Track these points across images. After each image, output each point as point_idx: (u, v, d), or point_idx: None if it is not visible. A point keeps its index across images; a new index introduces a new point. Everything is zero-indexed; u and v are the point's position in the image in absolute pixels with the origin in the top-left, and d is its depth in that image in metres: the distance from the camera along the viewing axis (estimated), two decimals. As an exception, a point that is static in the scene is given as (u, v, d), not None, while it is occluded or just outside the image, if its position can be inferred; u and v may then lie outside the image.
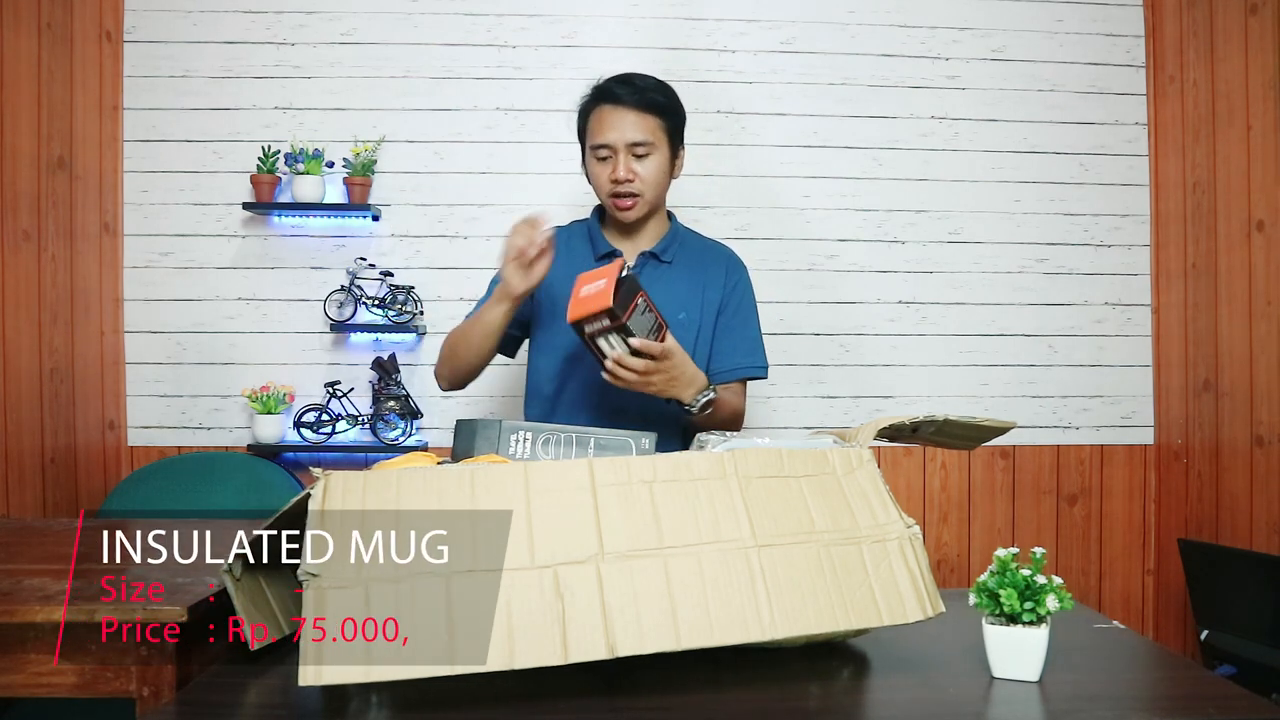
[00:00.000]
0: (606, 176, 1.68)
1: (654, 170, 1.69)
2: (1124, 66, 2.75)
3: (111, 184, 2.59)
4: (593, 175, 1.72)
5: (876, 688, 1.06)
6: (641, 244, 1.77)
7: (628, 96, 1.67)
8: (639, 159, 1.68)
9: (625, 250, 1.76)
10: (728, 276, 1.79)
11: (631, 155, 1.67)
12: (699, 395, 1.57)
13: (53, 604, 1.07)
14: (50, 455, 2.33)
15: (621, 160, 1.66)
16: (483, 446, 1.38)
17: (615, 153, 1.67)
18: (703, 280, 1.77)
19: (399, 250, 2.64)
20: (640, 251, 1.76)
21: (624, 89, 1.67)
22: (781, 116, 2.69)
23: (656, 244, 1.76)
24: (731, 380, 1.76)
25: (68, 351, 2.40)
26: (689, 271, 1.77)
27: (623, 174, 1.66)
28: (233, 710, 0.99)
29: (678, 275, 1.76)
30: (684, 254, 1.78)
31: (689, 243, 1.81)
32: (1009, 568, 1.03)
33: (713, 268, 1.79)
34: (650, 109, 1.68)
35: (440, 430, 2.60)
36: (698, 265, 1.78)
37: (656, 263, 1.75)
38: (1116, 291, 2.75)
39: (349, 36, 2.64)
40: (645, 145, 1.67)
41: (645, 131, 1.67)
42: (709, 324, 1.76)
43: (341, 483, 0.99)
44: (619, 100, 1.67)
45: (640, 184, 1.68)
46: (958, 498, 2.72)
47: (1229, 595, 2.21)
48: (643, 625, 0.94)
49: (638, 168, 1.67)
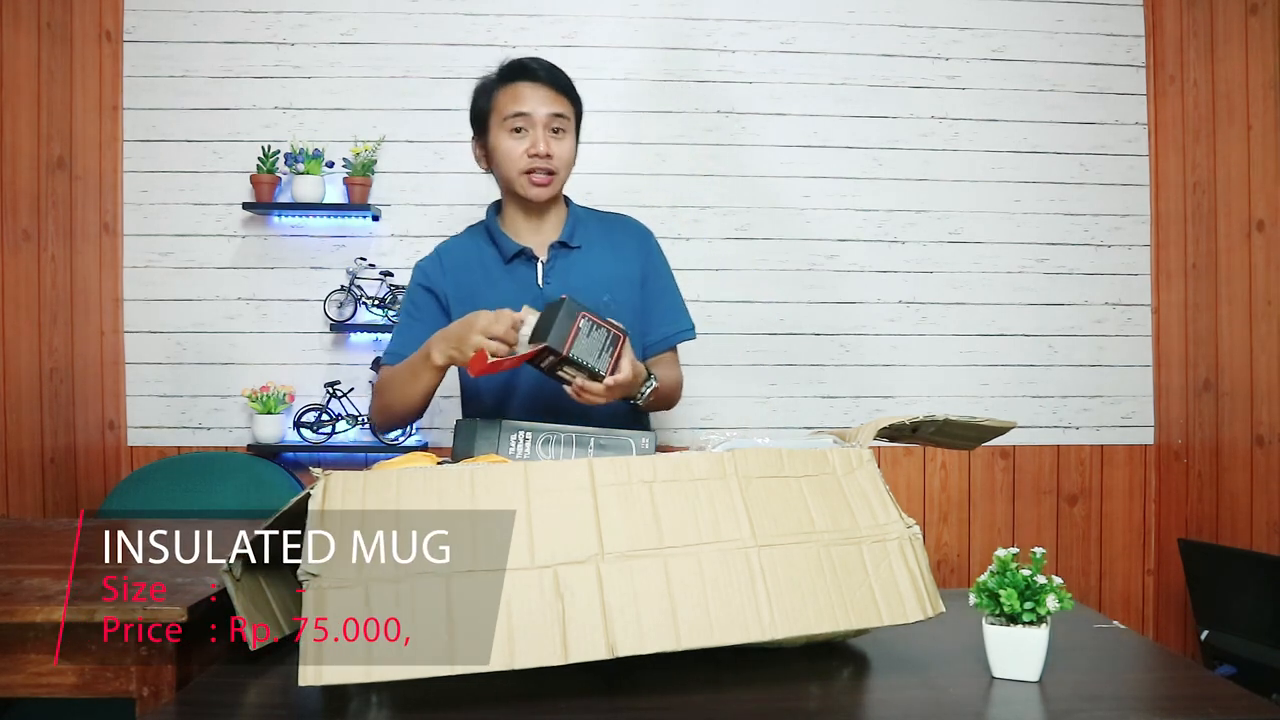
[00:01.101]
0: (523, 150, 1.61)
1: (568, 150, 1.66)
2: (1124, 66, 2.75)
3: (111, 184, 2.59)
4: (502, 151, 1.63)
5: (876, 688, 1.06)
6: (548, 234, 1.71)
7: (543, 73, 1.63)
8: (556, 135, 1.63)
9: (532, 244, 1.69)
10: (640, 246, 1.76)
11: (550, 130, 1.62)
12: (643, 387, 1.54)
13: (53, 604, 1.07)
14: (50, 455, 2.33)
15: (540, 133, 1.61)
16: (483, 446, 1.38)
17: (534, 125, 1.62)
18: (617, 257, 1.72)
19: (399, 250, 2.64)
20: (549, 244, 1.70)
21: (538, 65, 1.64)
22: (781, 116, 2.69)
23: (562, 231, 1.71)
24: (665, 350, 1.74)
25: (67, 351, 2.40)
26: (601, 252, 1.72)
27: (543, 148, 1.61)
28: (233, 710, 0.99)
29: (591, 258, 1.71)
30: (591, 235, 1.73)
31: (592, 223, 1.76)
32: (1009, 568, 1.03)
33: (624, 243, 1.75)
34: (562, 89, 1.65)
35: (440, 430, 2.60)
36: (608, 244, 1.73)
37: (567, 251, 1.70)
38: (1116, 291, 2.75)
39: (349, 36, 2.64)
40: (563, 120, 1.63)
41: (562, 107, 1.64)
42: (635, 299, 1.71)
43: (341, 483, 0.99)
44: (535, 77, 1.63)
45: (557, 161, 1.63)
46: (958, 498, 2.72)
47: (1229, 595, 2.21)
48: (643, 625, 0.94)
49: (555, 145, 1.63)
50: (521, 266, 1.68)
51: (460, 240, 1.75)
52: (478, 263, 1.68)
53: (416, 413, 1.59)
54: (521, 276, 1.68)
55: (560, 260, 1.69)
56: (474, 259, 1.69)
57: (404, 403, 1.56)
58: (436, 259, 1.72)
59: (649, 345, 1.73)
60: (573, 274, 1.67)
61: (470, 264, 1.68)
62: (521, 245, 1.68)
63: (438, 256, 1.73)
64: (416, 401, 1.55)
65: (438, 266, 1.71)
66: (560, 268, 1.68)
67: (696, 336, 1.79)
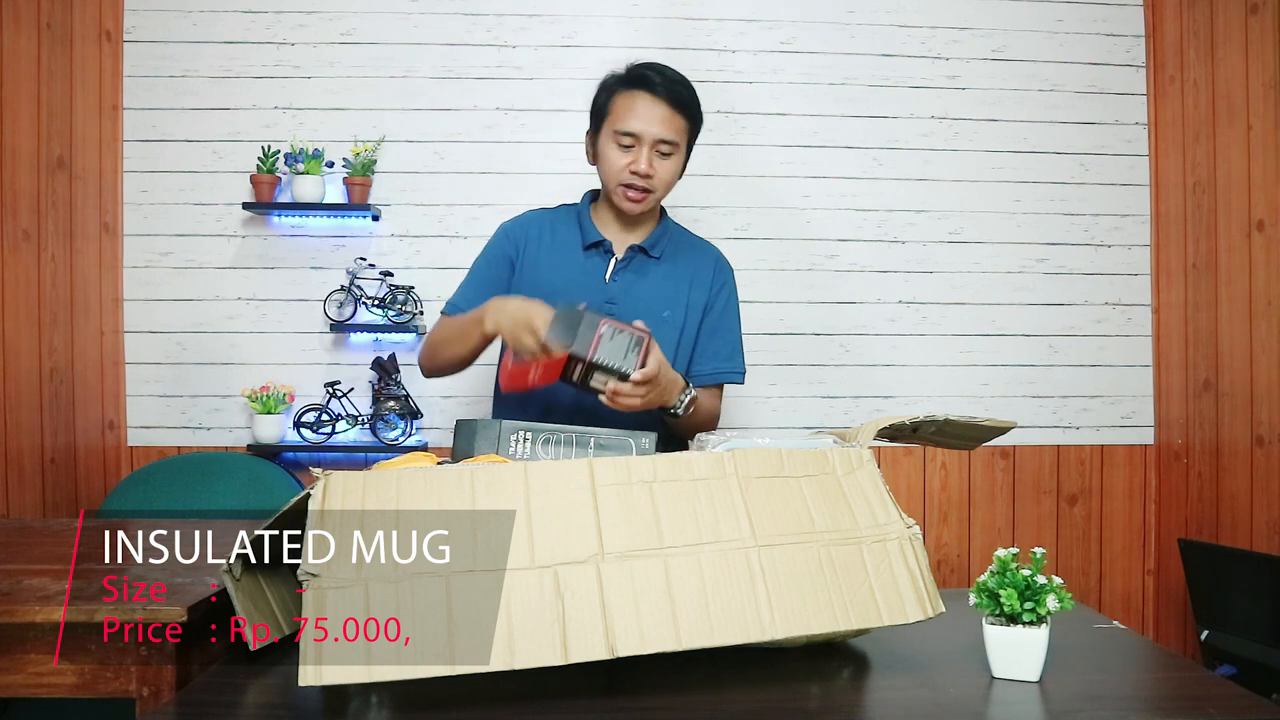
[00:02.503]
0: (624, 165, 1.63)
1: (671, 172, 1.67)
2: (1124, 66, 2.75)
3: (111, 184, 2.59)
4: (606, 158, 1.65)
5: (876, 688, 1.06)
6: (632, 237, 1.73)
7: (664, 89, 1.62)
8: (662, 156, 1.64)
9: (615, 241, 1.72)
10: (715, 278, 1.77)
11: (656, 151, 1.63)
12: (681, 396, 1.56)
13: (53, 604, 1.07)
14: (50, 455, 2.33)
15: (645, 153, 1.62)
16: (483, 446, 1.38)
17: (640, 144, 1.62)
18: (689, 279, 1.74)
19: (399, 250, 2.64)
20: (629, 244, 1.72)
21: (661, 79, 1.63)
22: (781, 116, 2.69)
23: (646, 238, 1.73)
24: (709, 384, 1.74)
25: (67, 352, 2.40)
26: (676, 269, 1.74)
27: (644, 168, 1.62)
28: (233, 710, 0.99)
29: (665, 272, 1.73)
30: (672, 251, 1.75)
31: (678, 239, 1.78)
32: (1009, 568, 1.03)
33: (700, 268, 1.76)
34: (681, 108, 1.65)
35: (440, 430, 2.60)
36: (685, 263, 1.75)
37: (645, 257, 1.72)
38: (1116, 291, 2.75)
39: (349, 36, 2.64)
40: (671, 145, 1.64)
41: (674, 131, 1.64)
42: (693, 324, 1.73)
43: (341, 483, 0.99)
44: (655, 90, 1.62)
45: (656, 182, 1.65)
46: (958, 498, 2.72)
47: (1229, 595, 2.21)
48: (643, 625, 0.94)
49: (658, 165, 1.64)
50: (596, 257, 1.71)
51: (549, 213, 1.78)
52: (557, 240, 1.71)
53: (461, 367, 1.66)
54: (593, 266, 1.70)
55: (635, 263, 1.72)
56: (555, 235, 1.71)
57: (450, 356, 1.64)
58: (521, 224, 1.76)
59: (694, 375, 1.72)
60: (642, 281, 1.68)
61: (549, 238, 1.70)
62: (602, 236, 1.71)
63: (523, 223, 1.76)
64: (464, 357, 1.63)
65: (520, 231, 1.74)
66: (632, 270, 1.70)
67: (744, 383, 1.81)
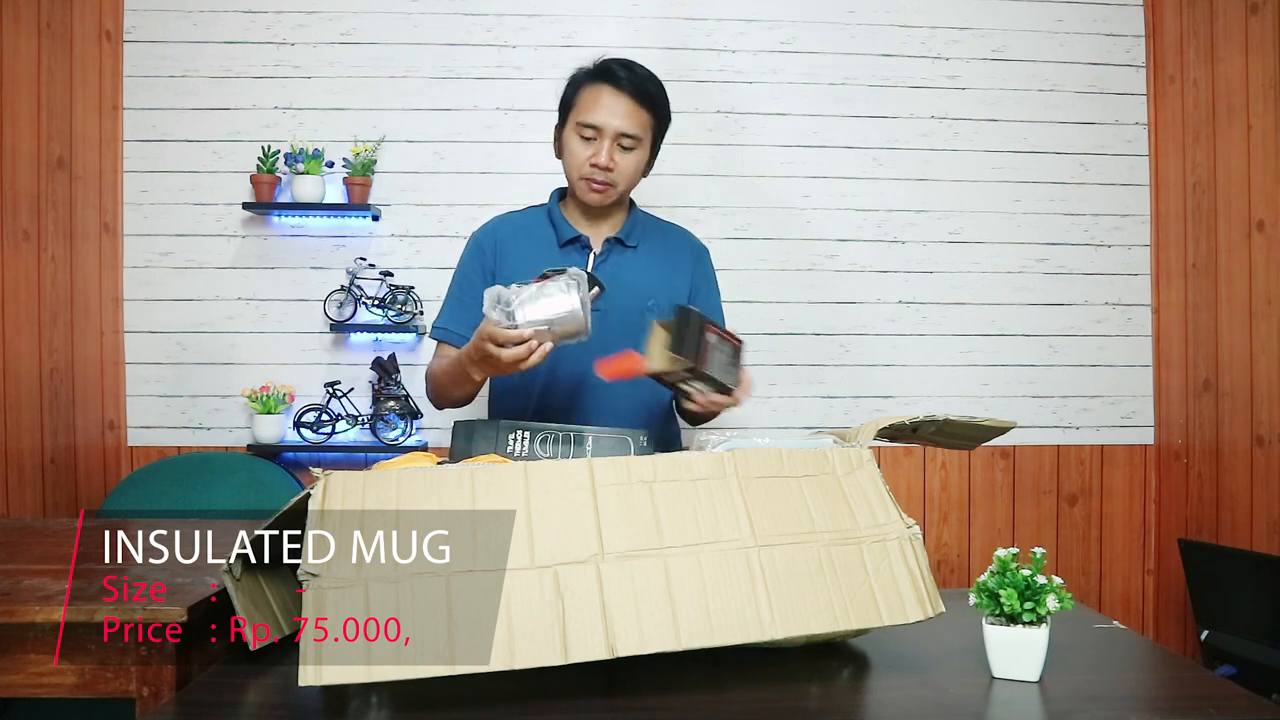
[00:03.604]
0: (585, 157, 1.64)
1: (634, 165, 1.67)
2: (1124, 66, 2.75)
3: (111, 184, 2.59)
4: (569, 150, 1.66)
5: (876, 688, 1.06)
6: (605, 229, 1.73)
7: (628, 83, 1.63)
8: (623, 150, 1.64)
9: (589, 235, 1.72)
10: (694, 263, 1.78)
11: (617, 145, 1.63)
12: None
13: (53, 604, 1.07)
14: (50, 455, 2.33)
15: (606, 146, 1.62)
16: (482, 446, 1.38)
17: (602, 136, 1.63)
18: (669, 265, 1.75)
19: (399, 250, 2.64)
20: (605, 238, 1.72)
21: (626, 73, 1.63)
22: (781, 116, 2.69)
23: (620, 229, 1.74)
24: None
25: (67, 351, 2.40)
26: (654, 257, 1.74)
27: (604, 160, 1.62)
28: (233, 710, 0.99)
29: (644, 260, 1.73)
30: (648, 239, 1.76)
31: (651, 227, 1.79)
32: (1009, 568, 1.03)
33: (679, 254, 1.78)
34: (646, 102, 1.65)
35: (440, 430, 2.60)
36: (662, 251, 1.76)
37: (622, 248, 1.72)
38: (1117, 291, 2.75)
39: (349, 36, 2.64)
40: (633, 139, 1.64)
41: (637, 126, 1.64)
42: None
43: (341, 483, 0.99)
44: (619, 84, 1.63)
45: (617, 175, 1.64)
46: (958, 498, 2.72)
47: (1229, 595, 2.21)
48: (643, 625, 0.94)
49: (620, 159, 1.64)
50: (574, 253, 1.71)
51: (518, 215, 1.78)
52: (532, 240, 1.71)
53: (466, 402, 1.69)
54: (572, 263, 1.68)
55: (613, 256, 1.72)
56: (529, 236, 1.71)
57: (458, 396, 1.66)
58: (490, 231, 1.76)
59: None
60: (624, 272, 1.68)
61: (524, 241, 1.70)
62: (578, 232, 1.72)
63: (492, 229, 1.76)
64: (471, 394, 1.65)
65: (491, 238, 1.74)
66: (612, 263, 1.71)
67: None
